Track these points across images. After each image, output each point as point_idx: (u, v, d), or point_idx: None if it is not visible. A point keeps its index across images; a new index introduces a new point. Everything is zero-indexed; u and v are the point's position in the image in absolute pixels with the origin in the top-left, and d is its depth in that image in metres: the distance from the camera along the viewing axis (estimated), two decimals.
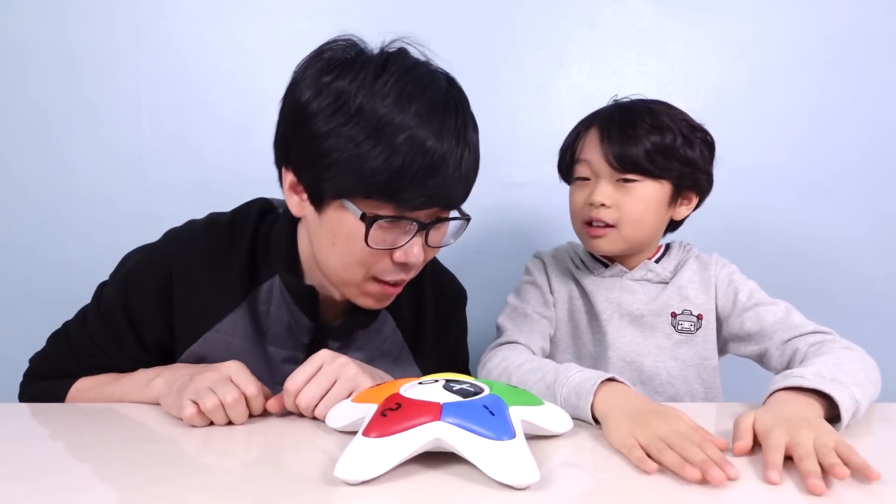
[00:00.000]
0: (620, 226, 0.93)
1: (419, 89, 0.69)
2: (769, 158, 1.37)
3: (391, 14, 1.31)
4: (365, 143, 0.66)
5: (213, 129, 1.32)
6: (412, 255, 0.73)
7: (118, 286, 0.84)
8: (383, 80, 0.67)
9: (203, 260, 0.81)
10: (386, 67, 0.69)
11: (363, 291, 0.78)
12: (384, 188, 0.68)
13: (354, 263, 0.74)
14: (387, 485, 0.52)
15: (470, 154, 0.71)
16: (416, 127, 0.66)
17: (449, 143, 0.68)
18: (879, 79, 1.37)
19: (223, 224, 0.85)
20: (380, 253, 0.73)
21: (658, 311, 0.97)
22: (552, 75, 1.36)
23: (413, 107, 0.67)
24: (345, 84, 0.68)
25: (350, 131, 0.67)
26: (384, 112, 0.66)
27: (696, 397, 0.98)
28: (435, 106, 0.69)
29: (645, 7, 1.35)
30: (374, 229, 0.70)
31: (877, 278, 1.38)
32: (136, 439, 0.65)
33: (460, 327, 1.00)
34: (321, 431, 0.66)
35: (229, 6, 1.32)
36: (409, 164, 0.66)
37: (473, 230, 1.36)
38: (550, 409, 0.67)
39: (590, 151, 0.94)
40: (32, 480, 0.54)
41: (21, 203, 1.31)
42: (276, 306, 0.83)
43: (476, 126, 0.75)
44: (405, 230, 0.72)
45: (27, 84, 1.29)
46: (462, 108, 0.72)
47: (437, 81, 0.72)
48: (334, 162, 0.68)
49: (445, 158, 0.68)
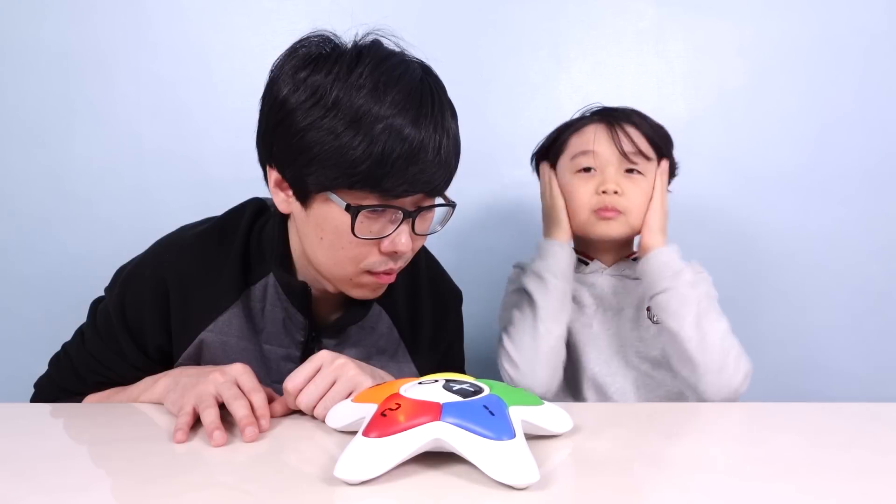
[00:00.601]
0: (628, 213, 0.99)
1: (394, 79, 0.69)
2: (769, 158, 1.37)
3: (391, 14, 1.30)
4: (344, 134, 0.67)
5: (213, 129, 1.32)
6: (399, 243, 0.73)
7: (114, 298, 0.84)
8: (358, 72, 0.68)
9: (196, 265, 0.82)
10: (360, 59, 0.70)
11: (357, 284, 0.78)
12: (366, 177, 0.68)
13: (344, 258, 0.75)
14: (387, 485, 0.52)
15: (448, 140, 0.72)
16: (392, 116, 0.67)
17: (426, 129, 0.69)
18: (879, 79, 1.37)
19: (215, 227, 0.86)
20: (368, 245, 0.73)
21: (639, 304, 1.03)
22: (552, 75, 1.36)
23: (389, 96, 0.68)
24: (320, 78, 0.69)
25: (329, 124, 0.67)
26: (361, 103, 0.67)
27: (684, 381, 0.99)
28: (411, 94, 0.69)
29: (645, 7, 1.35)
30: (359, 219, 0.70)
31: (877, 278, 1.38)
32: (136, 439, 0.65)
33: (455, 328, 1.01)
34: (321, 431, 0.66)
35: (229, 6, 1.32)
36: (389, 152, 0.67)
37: (474, 230, 1.37)
38: (550, 409, 0.67)
39: (598, 143, 1.00)
40: (32, 480, 0.54)
41: (21, 203, 1.31)
42: (271, 304, 0.83)
43: (454, 113, 0.75)
44: (391, 219, 0.72)
45: (27, 84, 1.29)
46: (438, 96, 0.73)
47: (412, 70, 0.72)
48: (316, 155, 0.69)
49: (424, 145, 0.68)
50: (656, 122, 1.03)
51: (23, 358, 0.90)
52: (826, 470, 0.58)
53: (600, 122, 1.01)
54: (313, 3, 1.32)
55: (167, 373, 0.80)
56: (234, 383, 0.69)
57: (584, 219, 1.01)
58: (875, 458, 0.60)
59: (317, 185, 0.71)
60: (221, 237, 0.84)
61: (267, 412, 0.68)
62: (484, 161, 1.35)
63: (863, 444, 0.65)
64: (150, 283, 0.82)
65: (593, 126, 1.02)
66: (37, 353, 0.92)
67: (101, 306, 0.87)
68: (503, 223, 1.37)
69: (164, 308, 0.81)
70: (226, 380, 0.69)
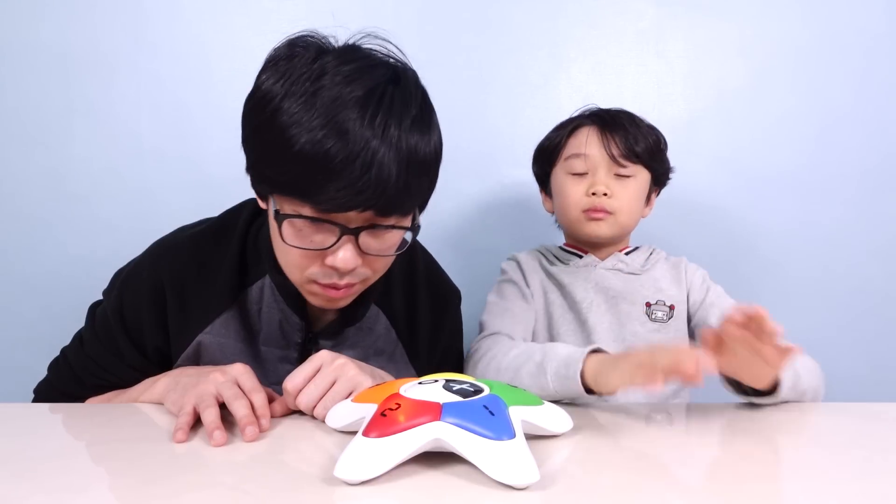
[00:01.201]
0: (618, 213, 1.02)
1: (338, 87, 0.65)
2: (769, 158, 1.37)
3: (391, 14, 1.31)
4: (276, 142, 0.65)
5: (213, 129, 1.32)
6: (338, 259, 0.70)
7: (113, 300, 0.84)
8: (304, 78, 0.66)
9: (192, 267, 0.82)
10: (314, 65, 0.67)
11: (309, 292, 0.77)
12: (293, 187, 0.67)
13: (290, 264, 0.74)
14: (387, 485, 0.52)
15: (396, 153, 0.65)
16: (322, 126, 0.63)
17: (362, 140, 0.63)
18: (879, 79, 1.37)
19: (211, 228, 0.86)
20: (310, 255, 0.71)
21: (633, 299, 1.04)
22: (552, 75, 1.36)
23: (324, 107, 0.64)
24: (271, 84, 0.68)
25: (266, 132, 0.67)
26: (295, 111, 0.65)
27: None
28: (356, 102, 0.64)
29: (645, 7, 1.35)
30: (289, 228, 0.69)
31: (877, 278, 1.38)
32: (136, 439, 0.65)
33: (454, 327, 1.00)
34: (321, 431, 0.66)
35: (229, 6, 1.32)
36: (310, 166, 0.64)
37: (474, 230, 1.37)
38: (550, 409, 0.67)
39: (590, 146, 1.02)
40: (32, 480, 0.54)
41: (21, 203, 1.31)
42: (268, 306, 0.83)
43: (424, 127, 0.69)
44: (330, 233, 0.69)
45: (27, 84, 1.29)
46: (398, 105, 0.67)
47: (371, 77, 0.67)
48: (257, 160, 0.70)
49: (358, 157, 0.63)
50: (649, 126, 1.05)
51: (23, 358, 0.90)
52: (826, 470, 0.58)
53: (593, 125, 1.04)
54: (313, 3, 1.32)
55: (167, 373, 0.80)
56: (235, 383, 0.69)
57: (573, 218, 1.05)
58: (875, 458, 0.60)
59: (261, 188, 0.72)
60: (218, 238, 0.84)
61: (267, 412, 0.68)
62: (484, 161, 1.35)
63: (863, 444, 0.65)
64: (147, 284, 0.82)
65: (586, 129, 1.04)
66: (37, 354, 0.92)
67: (100, 309, 0.87)
68: (503, 223, 1.37)
69: (161, 310, 0.81)
70: (226, 379, 0.69)
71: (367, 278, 0.76)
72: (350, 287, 0.75)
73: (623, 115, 1.04)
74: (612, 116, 1.04)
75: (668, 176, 1.10)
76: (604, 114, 1.05)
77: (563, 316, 1.05)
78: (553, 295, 1.07)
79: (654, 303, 1.04)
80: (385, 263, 0.77)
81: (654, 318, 1.03)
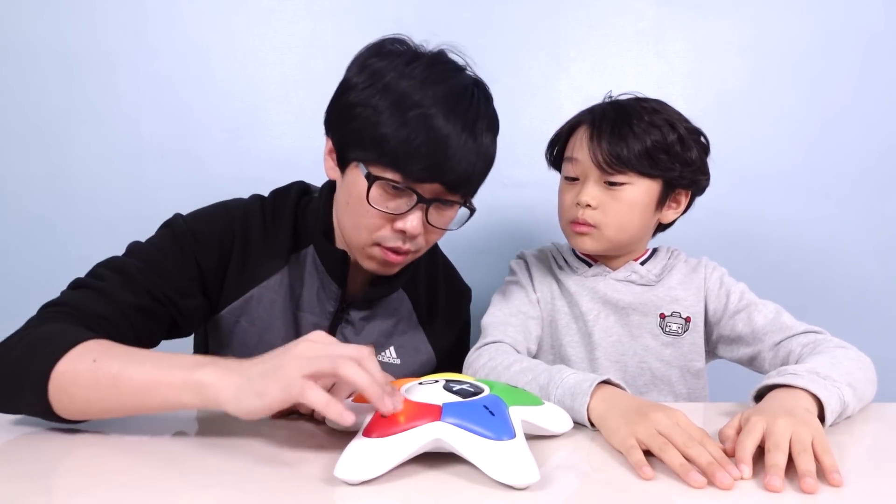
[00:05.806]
0: (603, 227, 0.93)
1: (442, 78, 0.78)
2: (769, 158, 1.37)
3: (391, 14, 1.31)
4: (383, 114, 0.76)
5: (213, 129, 1.32)
6: (409, 224, 0.80)
7: (187, 219, 0.87)
8: (413, 66, 0.78)
9: (258, 225, 0.89)
10: (419, 57, 0.80)
11: (367, 255, 0.85)
12: (391, 155, 0.76)
13: (361, 225, 0.82)
14: (387, 485, 0.52)
15: (476, 145, 0.78)
16: (428, 107, 0.75)
17: (455, 127, 0.76)
18: (879, 79, 1.37)
19: (269, 200, 0.93)
20: (382, 218, 0.80)
21: (645, 310, 0.97)
22: (552, 75, 1.36)
23: (431, 91, 0.76)
24: (382, 65, 0.78)
25: (375, 103, 0.77)
26: (406, 90, 0.76)
27: (679, 398, 0.97)
28: (452, 94, 0.77)
29: (645, 7, 1.35)
30: (374, 189, 0.78)
31: (877, 278, 1.38)
32: (137, 439, 0.65)
33: (465, 321, 1.06)
34: (321, 431, 0.67)
35: (229, 6, 1.32)
36: (414, 137, 0.75)
37: (475, 230, 1.36)
38: (550, 409, 0.67)
39: (580, 150, 0.93)
40: (32, 480, 0.54)
41: (21, 203, 1.31)
42: (309, 273, 0.90)
43: (493, 129, 0.82)
44: (407, 201, 0.79)
45: (27, 84, 1.29)
46: (479, 106, 0.80)
47: (462, 77, 0.81)
48: (356, 128, 0.78)
49: (448, 139, 0.76)
50: (665, 120, 0.91)
51: None
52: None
53: (588, 126, 0.94)
54: (313, 3, 1.32)
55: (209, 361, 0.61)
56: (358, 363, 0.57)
57: (563, 227, 0.99)
58: (875, 457, 0.60)
59: (352, 154, 0.80)
60: (274, 208, 0.92)
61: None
62: None
63: (863, 444, 0.65)
64: (220, 221, 0.87)
65: (582, 128, 0.95)
66: None
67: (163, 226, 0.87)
68: (503, 223, 1.37)
69: (227, 249, 0.87)
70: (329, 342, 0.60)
71: (419, 249, 0.85)
72: (406, 255, 0.84)
73: (624, 110, 0.92)
74: (605, 113, 0.93)
75: (692, 179, 0.94)
76: (600, 109, 0.95)
77: (568, 325, 0.98)
78: (560, 302, 1.00)
79: (668, 314, 0.96)
80: (436, 237, 0.87)
81: (668, 332, 0.96)
